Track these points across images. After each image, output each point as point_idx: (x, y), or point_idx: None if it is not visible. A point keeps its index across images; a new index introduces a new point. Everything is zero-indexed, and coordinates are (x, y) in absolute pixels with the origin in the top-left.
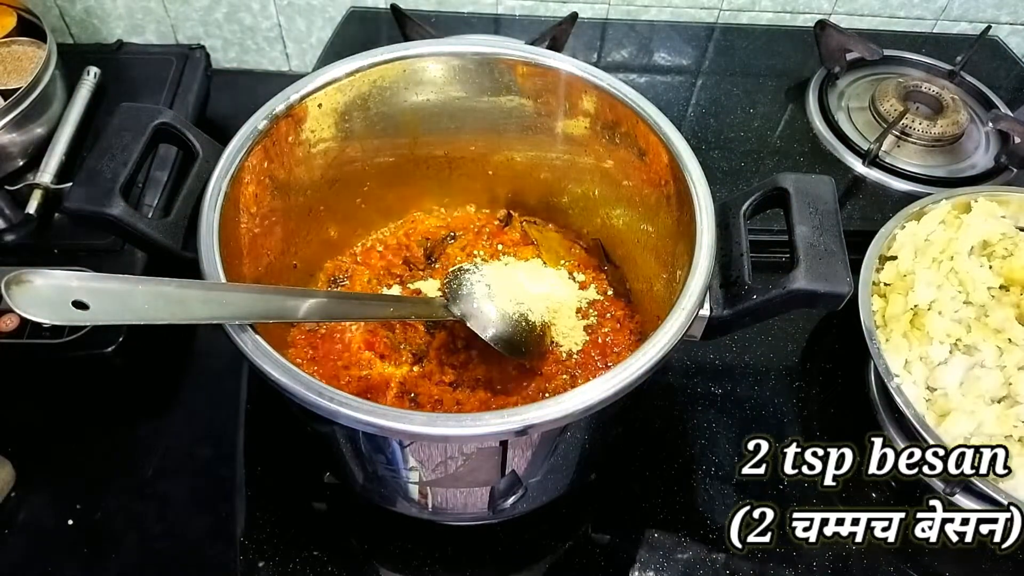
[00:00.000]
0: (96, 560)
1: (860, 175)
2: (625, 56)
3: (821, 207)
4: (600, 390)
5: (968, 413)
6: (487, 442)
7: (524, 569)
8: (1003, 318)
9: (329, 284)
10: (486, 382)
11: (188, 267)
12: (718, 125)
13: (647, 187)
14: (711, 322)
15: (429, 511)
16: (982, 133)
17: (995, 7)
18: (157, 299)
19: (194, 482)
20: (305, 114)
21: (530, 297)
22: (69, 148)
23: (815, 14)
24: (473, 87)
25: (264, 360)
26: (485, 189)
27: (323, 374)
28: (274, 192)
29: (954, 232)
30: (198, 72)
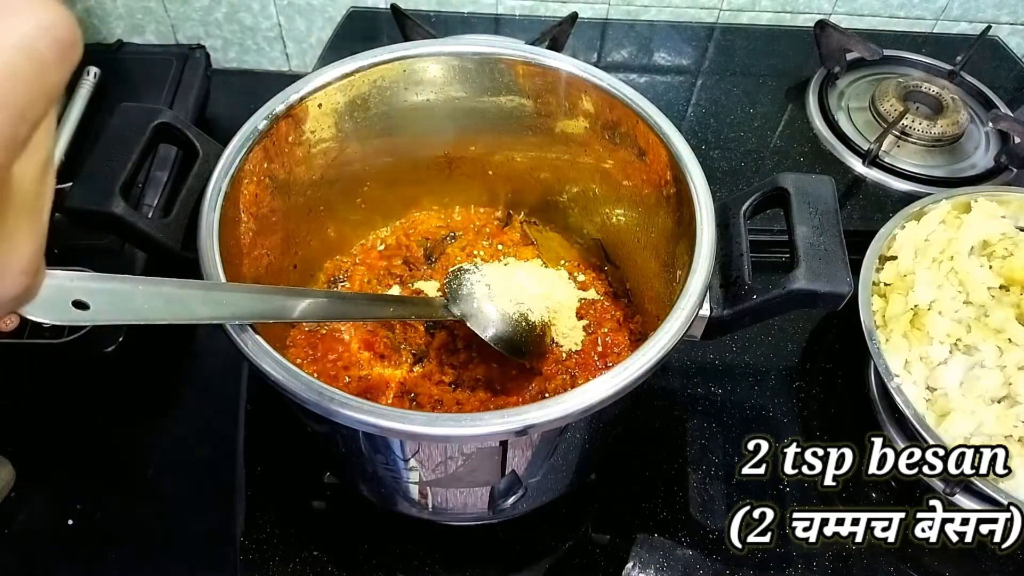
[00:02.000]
0: (96, 560)
1: (860, 175)
2: (625, 56)
3: (821, 207)
4: (600, 390)
5: (968, 413)
6: (487, 442)
7: (524, 569)
8: (1003, 318)
9: (329, 284)
10: (486, 382)
11: (188, 267)
12: (718, 125)
13: (647, 187)
14: (711, 322)
15: (429, 511)
16: (982, 133)
17: (995, 7)
18: (157, 299)
19: (194, 482)
20: (305, 114)
21: (530, 297)
22: (69, 148)
23: (815, 14)
24: (473, 87)
25: (264, 360)
26: (485, 189)
27: (323, 374)
28: (274, 192)
29: (954, 232)
30: (198, 72)
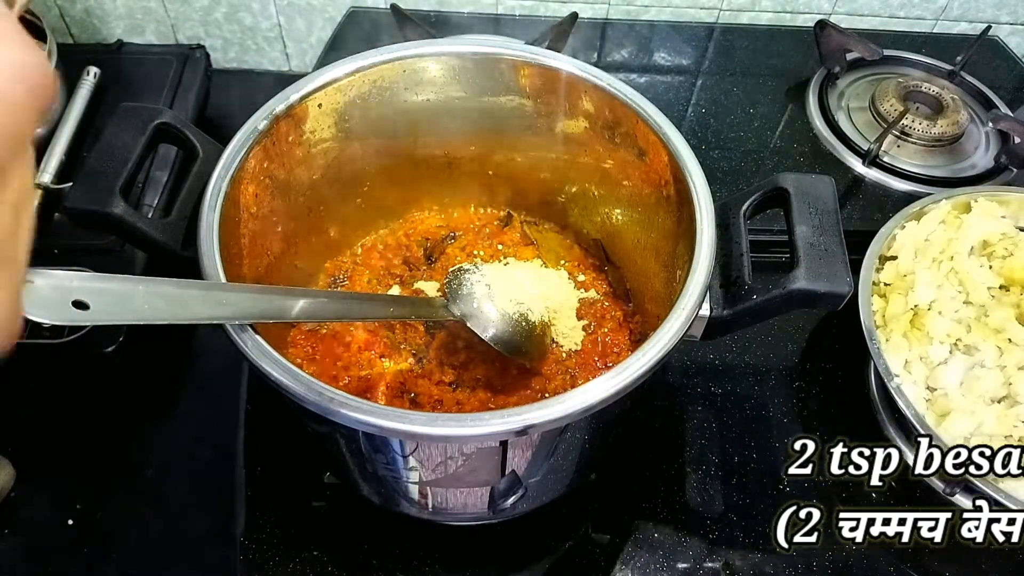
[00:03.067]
0: (96, 560)
1: (860, 175)
2: (625, 56)
3: (821, 207)
4: (600, 390)
5: (968, 413)
6: (487, 442)
7: (524, 569)
8: (1003, 318)
9: (329, 284)
10: (486, 382)
11: (188, 267)
12: (718, 125)
13: (647, 187)
14: (711, 322)
15: (429, 511)
16: (982, 133)
17: (995, 7)
18: (157, 299)
19: (194, 482)
20: (305, 114)
21: (530, 297)
22: (69, 148)
23: (815, 14)
24: (473, 87)
25: (264, 360)
26: (485, 189)
27: (323, 374)
28: (274, 192)
29: (954, 232)
30: (198, 72)
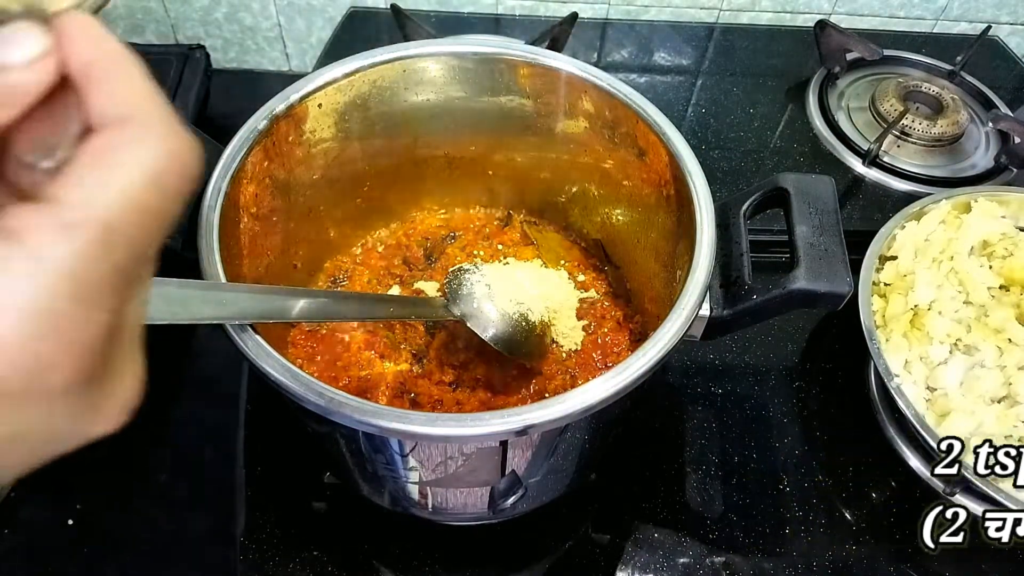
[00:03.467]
0: (96, 560)
1: (860, 175)
2: (625, 56)
3: (821, 207)
4: (600, 390)
5: (968, 413)
6: (487, 442)
7: (524, 569)
8: (1003, 318)
9: (329, 284)
10: (486, 382)
11: (188, 267)
12: (718, 125)
13: (647, 187)
14: (711, 322)
15: (429, 511)
16: (982, 133)
17: (995, 7)
18: (157, 299)
19: (194, 482)
20: (305, 114)
21: (530, 297)
22: None
23: (815, 14)
24: (473, 87)
25: (264, 360)
26: (485, 189)
27: (323, 374)
28: (274, 192)
29: (954, 232)
30: (198, 72)
